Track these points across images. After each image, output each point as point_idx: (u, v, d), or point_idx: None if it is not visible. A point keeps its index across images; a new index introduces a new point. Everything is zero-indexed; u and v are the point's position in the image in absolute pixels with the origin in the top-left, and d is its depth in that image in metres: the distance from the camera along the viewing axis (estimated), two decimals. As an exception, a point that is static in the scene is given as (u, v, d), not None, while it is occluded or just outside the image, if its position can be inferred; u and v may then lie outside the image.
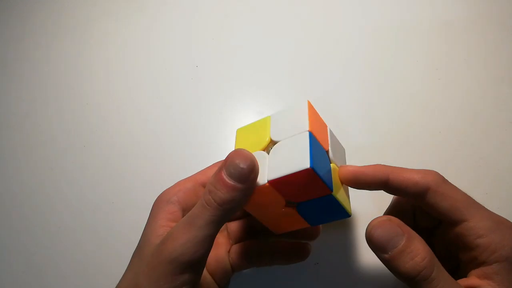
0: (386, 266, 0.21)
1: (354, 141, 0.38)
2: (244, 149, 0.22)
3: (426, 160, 0.36)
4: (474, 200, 0.23)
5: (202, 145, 0.39)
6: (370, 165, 0.24)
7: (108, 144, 0.40)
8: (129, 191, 0.37)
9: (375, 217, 0.23)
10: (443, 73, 0.42)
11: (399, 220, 0.22)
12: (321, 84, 0.42)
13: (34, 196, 0.38)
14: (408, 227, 0.21)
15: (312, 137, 0.23)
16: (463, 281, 0.22)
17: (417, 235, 0.21)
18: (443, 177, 0.24)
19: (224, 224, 0.30)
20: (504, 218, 0.22)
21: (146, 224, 0.25)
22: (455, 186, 0.23)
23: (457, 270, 0.24)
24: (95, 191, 0.37)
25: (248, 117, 0.40)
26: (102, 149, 0.39)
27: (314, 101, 0.41)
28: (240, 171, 0.21)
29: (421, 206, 0.24)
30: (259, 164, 0.23)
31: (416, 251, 0.20)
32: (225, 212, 0.22)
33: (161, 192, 0.26)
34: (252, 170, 0.22)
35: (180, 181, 0.26)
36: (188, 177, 0.26)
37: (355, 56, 0.44)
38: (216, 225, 0.22)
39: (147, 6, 0.49)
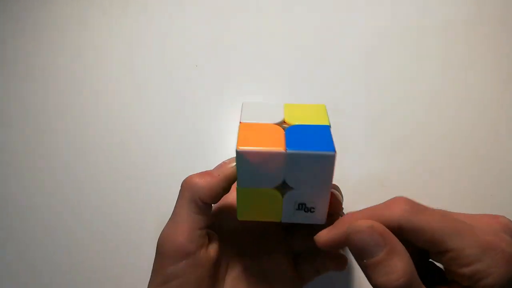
0: (362, 270, 0.20)
1: (354, 140, 0.38)
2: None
3: (426, 160, 0.36)
4: (457, 222, 0.20)
5: (202, 145, 0.39)
6: (337, 224, 0.22)
7: (108, 144, 0.40)
8: (129, 191, 0.37)
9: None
10: (443, 73, 0.42)
11: (384, 228, 0.20)
12: (322, 84, 0.42)
13: (35, 196, 0.37)
14: (393, 238, 0.20)
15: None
16: None
17: (401, 249, 0.20)
18: (412, 206, 0.21)
19: None
20: (496, 238, 0.20)
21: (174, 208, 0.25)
22: (430, 211, 0.21)
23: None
24: (95, 191, 0.37)
25: (248, 117, 0.40)
26: (102, 149, 0.39)
27: (316, 100, 0.41)
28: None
29: None
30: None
31: (393, 268, 0.19)
32: (197, 197, 0.23)
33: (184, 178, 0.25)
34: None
35: (207, 176, 0.25)
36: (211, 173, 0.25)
37: (357, 56, 0.44)
38: (193, 210, 0.24)
39: (147, 6, 0.49)
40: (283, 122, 0.24)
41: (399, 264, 0.19)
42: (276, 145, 0.22)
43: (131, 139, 0.40)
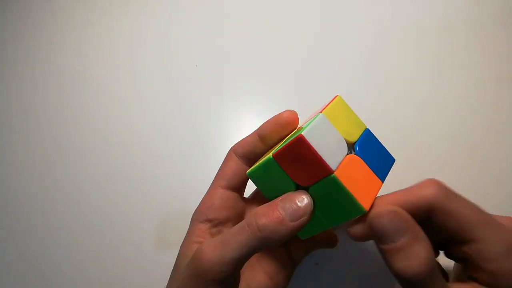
0: (380, 255, 0.20)
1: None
2: (302, 191, 0.22)
3: (426, 160, 0.36)
4: (487, 215, 0.20)
5: (202, 145, 0.39)
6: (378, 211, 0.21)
7: (107, 144, 0.40)
8: (129, 191, 0.37)
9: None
10: (443, 73, 0.42)
11: (408, 215, 0.20)
12: (323, 84, 0.42)
13: (35, 196, 0.37)
14: (416, 226, 0.20)
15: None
16: None
17: (423, 237, 0.19)
18: (445, 188, 0.21)
19: None
20: None
21: (182, 242, 0.26)
22: (462, 198, 0.21)
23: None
24: (95, 191, 0.37)
25: (248, 117, 0.40)
26: (102, 149, 0.39)
27: (315, 100, 0.41)
28: (295, 208, 0.21)
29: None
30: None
31: (415, 254, 0.19)
32: (262, 241, 0.21)
33: (195, 210, 0.27)
34: (306, 212, 0.22)
35: (206, 196, 0.27)
36: (211, 188, 0.27)
37: (356, 56, 0.44)
38: (248, 250, 0.21)
39: (147, 6, 0.49)
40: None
41: (422, 250, 0.19)
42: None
43: (131, 139, 0.40)
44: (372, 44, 0.44)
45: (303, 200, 0.22)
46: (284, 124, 0.25)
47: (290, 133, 0.26)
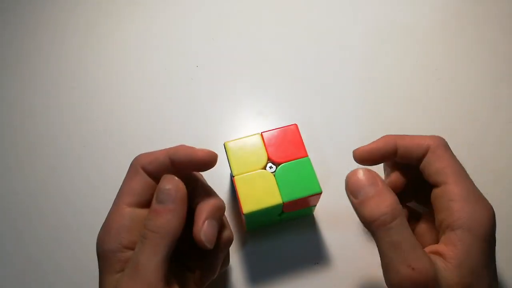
0: (355, 212, 0.23)
1: (351, 142, 0.38)
2: (169, 174, 0.23)
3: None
4: (465, 172, 0.24)
5: (201, 145, 0.39)
6: (379, 139, 0.26)
7: (108, 144, 0.40)
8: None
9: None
10: (443, 73, 0.42)
11: (376, 174, 0.23)
12: (321, 84, 0.42)
13: (35, 196, 0.38)
14: (384, 182, 0.22)
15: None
16: (432, 247, 0.22)
17: (390, 190, 0.22)
18: (445, 143, 0.24)
19: None
20: (486, 199, 0.23)
21: (120, 187, 0.25)
22: (453, 154, 0.24)
23: None
24: (96, 191, 0.37)
25: (248, 117, 0.40)
26: (102, 149, 0.39)
27: (314, 100, 0.41)
28: (167, 192, 0.22)
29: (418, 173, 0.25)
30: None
31: (383, 201, 0.21)
32: (165, 241, 0.21)
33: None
34: (177, 189, 0.22)
35: (156, 151, 0.25)
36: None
37: (353, 57, 0.44)
38: (162, 258, 0.21)
39: (147, 6, 0.49)
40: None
41: (389, 197, 0.21)
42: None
43: (131, 139, 0.40)
44: (369, 44, 0.44)
45: (170, 181, 0.23)
46: (198, 165, 0.24)
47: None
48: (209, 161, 0.24)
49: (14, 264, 0.35)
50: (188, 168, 0.25)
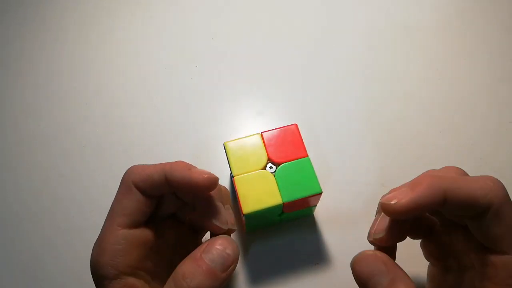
0: None
1: (353, 141, 0.38)
2: (226, 236, 0.21)
3: (426, 160, 0.36)
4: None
5: (201, 145, 0.39)
6: (420, 182, 0.19)
7: (108, 144, 0.40)
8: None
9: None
10: (443, 73, 0.42)
11: (386, 256, 0.20)
12: (321, 84, 0.42)
13: (36, 196, 0.38)
14: (396, 266, 0.19)
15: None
16: None
17: (404, 276, 0.19)
18: (505, 191, 0.19)
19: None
20: None
21: (112, 203, 0.23)
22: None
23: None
24: (96, 191, 0.37)
25: (248, 117, 0.40)
26: (102, 149, 0.39)
27: (314, 100, 0.41)
28: (225, 257, 0.20)
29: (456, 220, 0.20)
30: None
31: None
32: None
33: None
34: (237, 258, 0.20)
35: (150, 167, 0.23)
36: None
37: (354, 56, 0.44)
38: None
39: (147, 6, 0.49)
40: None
41: None
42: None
43: (131, 140, 0.40)
44: (368, 43, 0.44)
45: (232, 245, 0.20)
46: (195, 189, 0.22)
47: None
48: (208, 187, 0.22)
49: (14, 264, 0.34)
50: (184, 190, 0.22)
